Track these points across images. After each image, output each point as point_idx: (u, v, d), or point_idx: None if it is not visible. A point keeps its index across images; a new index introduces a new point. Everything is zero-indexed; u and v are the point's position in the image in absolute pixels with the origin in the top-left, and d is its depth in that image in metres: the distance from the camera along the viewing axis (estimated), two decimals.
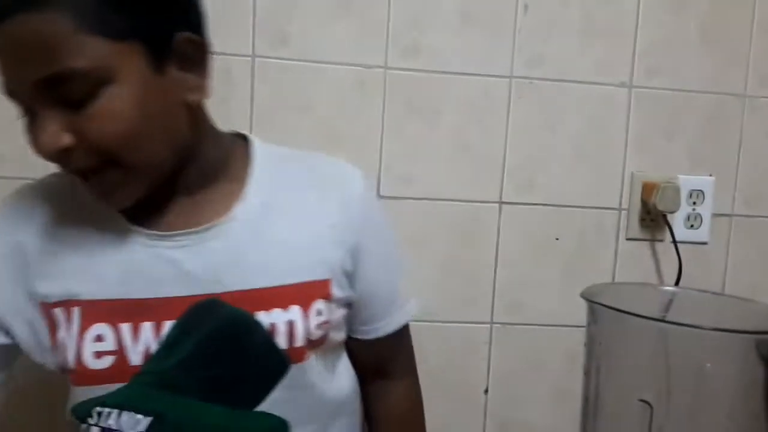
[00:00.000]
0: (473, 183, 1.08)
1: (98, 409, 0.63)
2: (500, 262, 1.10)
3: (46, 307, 0.65)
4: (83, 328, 0.64)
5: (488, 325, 1.11)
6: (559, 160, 1.09)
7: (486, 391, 1.12)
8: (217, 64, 0.66)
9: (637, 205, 1.12)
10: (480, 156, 1.07)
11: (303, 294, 0.68)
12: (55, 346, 0.65)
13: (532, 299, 1.10)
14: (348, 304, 0.75)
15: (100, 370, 0.64)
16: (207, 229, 0.67)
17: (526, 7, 1.05)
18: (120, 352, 0.64)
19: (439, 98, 1.04)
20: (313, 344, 0.69)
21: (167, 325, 0.64)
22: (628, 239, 1.12)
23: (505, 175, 1.08)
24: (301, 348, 0.68)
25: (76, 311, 0.64)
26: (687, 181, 1.11)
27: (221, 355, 0.62)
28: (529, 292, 1.11)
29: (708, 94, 1.11)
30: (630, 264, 1.13)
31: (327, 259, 0.70)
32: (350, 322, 0.78)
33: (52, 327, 0.65)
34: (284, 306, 0.67)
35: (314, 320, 0.68)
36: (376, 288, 0.77)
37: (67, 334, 0.64)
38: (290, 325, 0.67)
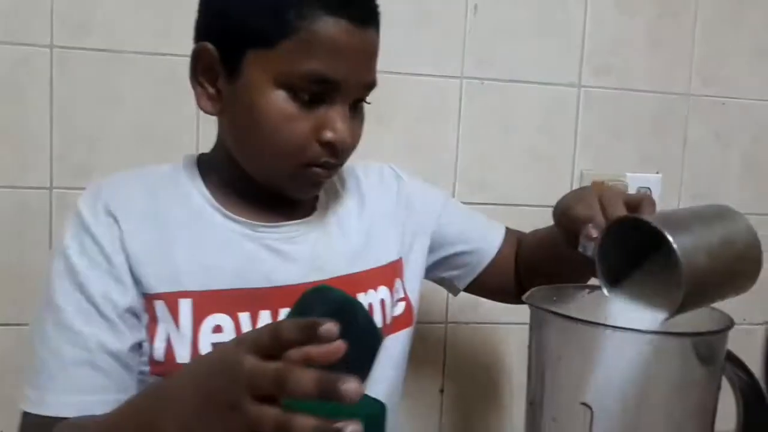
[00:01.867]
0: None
1: None
2: None
3: (149, 299, 0.63)
4: (198, 320, 0.63)
5: (443, 325, 1.11)
6: (511, 160, 1.10)
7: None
8: None
9: None
10: (432, 156, 1.07)
11: (389, 274, 0.74)
12: (152, 338, 0.62)
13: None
14: (445, 259, 0.82)
15: None
16: (305, 222, 0.70)
17: (475, 7, 1.06)
18: None
19: (389, 99, 1.04)
20: (402, 321, 0.75)
21: (283, 313, 0.66)
22: None
23: (457, 175, 1.09)
24: (391, 324, 0.73)
25: (186, 303, 0.63)
26: (634, 179, 1.13)
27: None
28: None
29: (654, 94, 1.14)
30: None
31: (394, 242, 0.76)
32: (466, 268, 0.83)
33: (153, 319, 0.62)
34: (375, 287, 0.72)
35: (397, 295, 0.75)
36: (459, 227, 0.83)
37: (174, 327, 0.62)
38: (382, 303, 0.72)
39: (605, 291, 0.53)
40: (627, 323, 0.48)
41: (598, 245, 0.53)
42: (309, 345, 0.43)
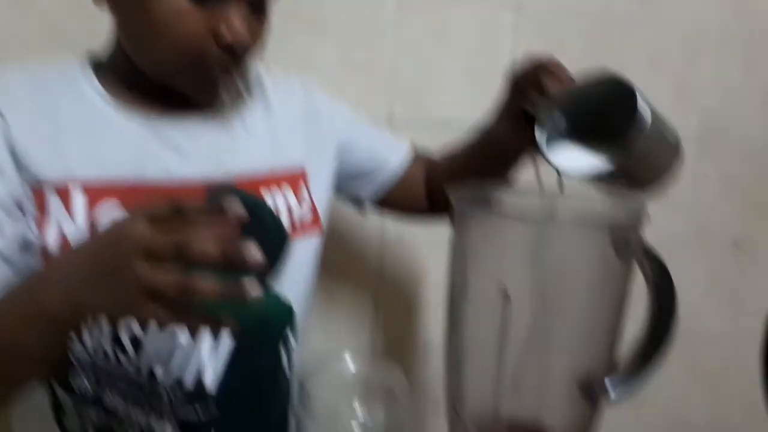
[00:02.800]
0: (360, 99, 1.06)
1: None
2: None
3: (38, 191, 0.60)
4: (93, 212, 0.61)
5: (378, 242, 1.12)
6: (448, 75, 1.09)
7: None
8: None
9: None
10: (366, 70, 1.05)
11: (294, 177, 0.73)
12: (43, 232, 0.59)
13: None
14: (351, 173, 0.82)
15: None
16: (204, 117, 0.68)
17: None
18: None
19: (323, 10, 1.00)
20: (308, 226, 0.74)
21: None
22: None
23: (393, 89, 1.07)
24: (298, 227, 0.72)
25: (79, 195, 0.60)
26: None
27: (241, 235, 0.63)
28: None
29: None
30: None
31: (298, 148, 0.75)
32: (373, 183, 0.84)
33: (43, 212, 0.60)
34: (280, 188, 0.71)
35: (304, 203, 0.73)
36: (365, 141, 0.83)
37: (68, 219, 0.60)
38: (288, 206, 0.71)
39: (543, 149, 0.54)
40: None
41: (555, 102, 0.54)
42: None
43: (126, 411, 0.64)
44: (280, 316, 0.70)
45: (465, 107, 1.09)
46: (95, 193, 0.61)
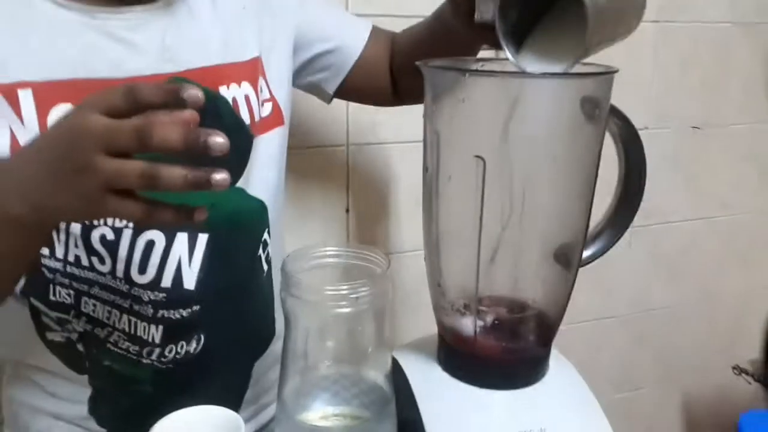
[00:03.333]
0: None
1: None
2: None
3: None
4: (43, 112, 0.57)
5: (344, 147, 1.10)
6: None
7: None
8: None
9: None
10: None
11: (250, 70, 0.69)
12: None
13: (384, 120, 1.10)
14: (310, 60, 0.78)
15: None
16: (149, 9, 0.63)
17: None
18: None
19: None
20: (271, 121, 0.71)
21: None
22: None
23: None
24: (258, 121, 0.69)
25: (26, 94, 0.57)
26: None
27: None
28: None
29: None
30: None
31: (252, 38, 0.71)
32: (333, 67, 0.80)
33: None
34: (238, 82, 0.67)
35: (261, 96, 0.70)
36: (321, 22, 0.79)
37: (18, 121, 0.56)
38: (247, 99, 0.68)
39: (509, 54, 0.52)
40: None
41: (498, 5, 0.51)
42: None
43: (109, 318, 0.63)
44: (252, 210, 0.69)
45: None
46: (45, 96, 0.57)
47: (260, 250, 0.70)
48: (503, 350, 0.55)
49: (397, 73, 0.81)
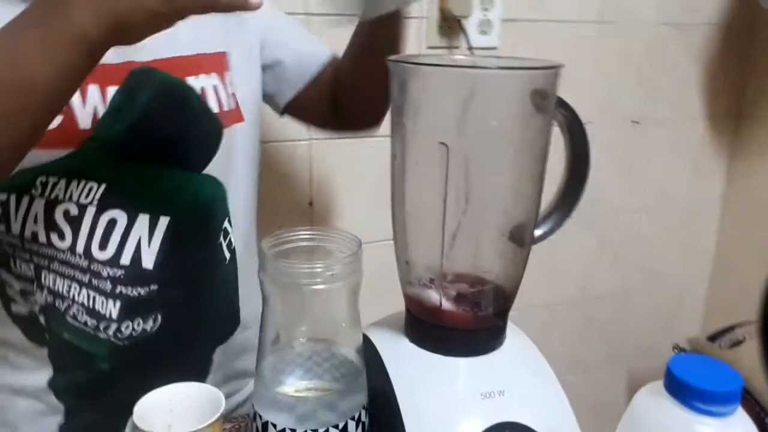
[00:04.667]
0: None
1: (42, 178, 0.59)
2: None
3: None
4: None
5: (307, 143, 1.14)
6: None
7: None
8: None
9: (436, 13, 1.17)
10: None
11: (217, 63, 0.72)
12: None
13: None
14: (269, 68, 0.82)
15: (48, 130, 0.55)
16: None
17: None
18: (68, 113, 0.61)
19: None
20: (238, 115, 0.74)
21: (111, 91, 0.64)
22: (429, 47, 1.19)
23: None
24: (227, 113, 0.72)
25: None
26: None
27: (165, 118, 0.67)
28: None
29: None
30: None
31: (218, 33, 0.74)
32: (286, 81, 0.83)
33: None
34: (206, 73, 0.71)
35: (229, 88, 0.73)
36: (286, 34, 0.83)
37: None
38: (215, 89, 0.71)
39: None
40: None
41: None
42: None
43: (69, 291, 0.65)
44: (214, 198, 0.72)
45: None
46: None
47: (221, 238, 0.73)
48: (465, 320, 0.60)
49: (341, 95, 0.84)
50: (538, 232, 0.65)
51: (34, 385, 0.70)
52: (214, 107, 0.71)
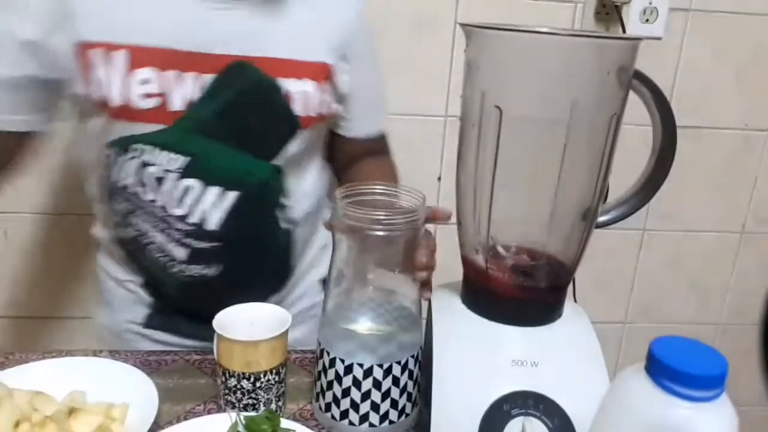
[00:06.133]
0: None
1: (137, 146, 0.75)
2: None
3: (83, 47, 0.71)
4: (131, 70, 0.71)
5: (442, 118, 1.17)
6: None
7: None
8: None
9: None
10: None
11: (315, 71, 0.78)
12: (89, 82, 0.72)
13: None
14: (341, 98, 0.85)
15: (145, 109, 0.72)
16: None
17: None
18: (164, 96, 0.73)
19: None
20: (321, 118, 0.81)
21: (206, 79, 0.74)
22: None
23: None
24: (307, 117, 0.79)
25: (120, 55, 0.71)
26: None
27: (248, 111, 0.75)
28: None
29: None
30: None
31: (332, 47, 0.80)
32: (340, 117, 0.88)
33: (86, 66, 0.71)
34: (300, 77, 0.77)
35: (321, 97, 0.79)
36: (366, 87, 0.87)
37: (110, 73, 0.71)
38: (304, 95, 0.77)
39: None
40: None
41: None
42: None
43: (148, 231, 0.79)
44: (279, 181, 0.81)
45: None
46: (135, 58, 0.71)
47: (280, 213, 0.83)
48: (514, 289, 0.60)
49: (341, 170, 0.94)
50: (611, 215, 0.63)
51: (130, 281, 0.87)
52: (299, 110, 0.78)
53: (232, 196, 0.76)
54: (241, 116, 0.76)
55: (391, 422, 0.63)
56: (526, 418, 0.54)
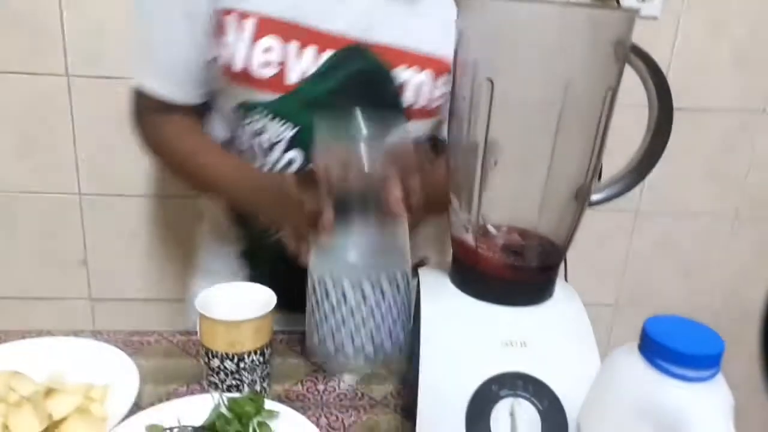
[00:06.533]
0: None
1: (253, 114, 0.78)
2: None
3: (221, 13, 0.74)
4: (256, 37, 0.73)
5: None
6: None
7: None
8: None
9: None
10: None
11: (435, 65, 0.79)
12: (220, 46, 0.75)
13: None
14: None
15: (263, 78, 0.75)
16: None
17: None
18: (283, 66, 0.74)
19: None
20: (428, 112, 0.81)
21: (324, 56, 0.75)
22: None
23: None
24: (418, 110, 0.80)
25: (249, 22, 0.73)
26: None
27: (358, 94, 0.76)
28: None
29: None
30: None
31: (449, 43, 0.79)
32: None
33: (221, 29, 0.74)
34: (417, 69, 0.78)
35: (437, 91, 0.80)
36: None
37: (238, 38, 0.73)
38: (419, 86, 0.78)
39: None
40: None
41: None
42: None
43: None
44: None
45: None
46: (261, 27, 0.73)
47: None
48: (503, 269, 0.59)
49: None
50: (605, 193, 0.61)
51: (230, 251, 0.91)
52: (410, 101, 0.78)
53: None
54: (349, 98, 0.75)
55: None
56: (515, 400, 0.53)
